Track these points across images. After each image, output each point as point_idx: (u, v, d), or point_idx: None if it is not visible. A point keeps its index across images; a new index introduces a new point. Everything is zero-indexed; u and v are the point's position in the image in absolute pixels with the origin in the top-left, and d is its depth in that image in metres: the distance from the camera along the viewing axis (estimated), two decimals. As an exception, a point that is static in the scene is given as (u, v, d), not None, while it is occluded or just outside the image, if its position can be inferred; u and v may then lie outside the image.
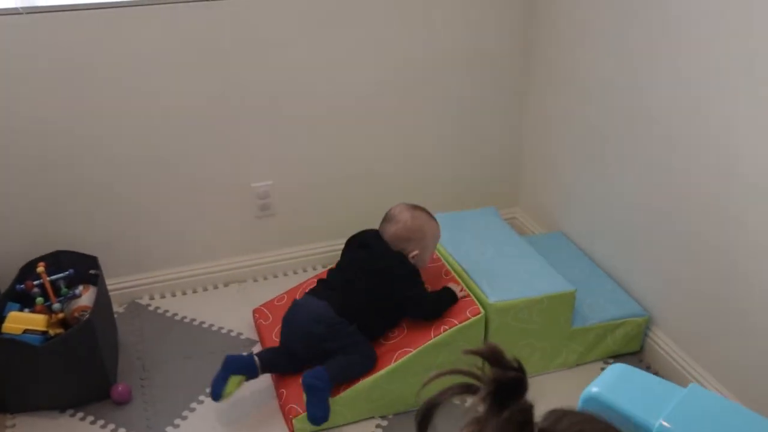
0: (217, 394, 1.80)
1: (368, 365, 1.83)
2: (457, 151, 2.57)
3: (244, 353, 1.90)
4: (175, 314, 2.28)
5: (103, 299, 1.99)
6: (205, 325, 2.23)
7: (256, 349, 2.09)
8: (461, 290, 1.95)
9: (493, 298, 1.91)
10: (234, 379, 1.81)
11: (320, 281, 2.00)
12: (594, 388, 1.33)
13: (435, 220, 2.02)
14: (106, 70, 2.06)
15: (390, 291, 1.88)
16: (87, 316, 1.87)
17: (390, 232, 1.97)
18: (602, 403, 1.30)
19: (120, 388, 1.92)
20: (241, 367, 1.83)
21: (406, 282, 1.90)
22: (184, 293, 2.38)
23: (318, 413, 1.76)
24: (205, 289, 2.40)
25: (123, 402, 1.91)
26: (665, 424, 1.22)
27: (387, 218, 2.01)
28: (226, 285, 2.43)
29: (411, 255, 1.95)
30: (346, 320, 1.84)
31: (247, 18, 2.14)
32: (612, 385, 1.33)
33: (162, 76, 2.12)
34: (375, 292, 1.88)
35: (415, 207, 2.01)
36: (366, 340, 1.86)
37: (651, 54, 1.93)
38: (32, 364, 1.80)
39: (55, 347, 1.80)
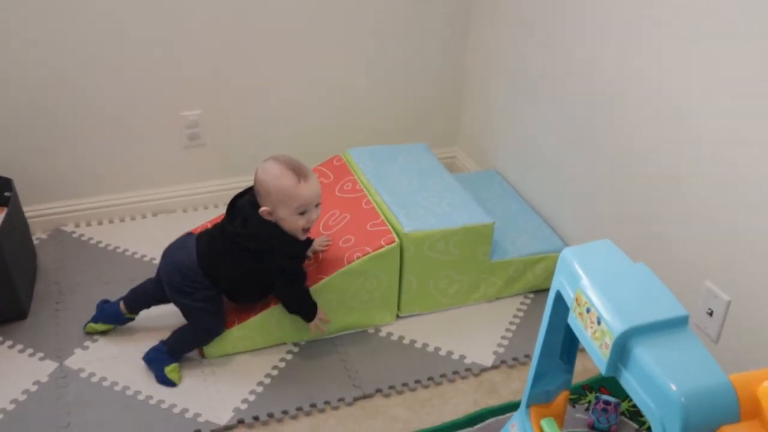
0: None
1: (206, 338, 1.81)
2: (396, 87, 2.53)
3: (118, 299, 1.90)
4: (99, 242, 2.25)
5: (15, 222, 1.96)
6: (128, 253, 2.21)
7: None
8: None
9: (408, 228, 1.90)
10: (100, 326, 1.89)
11: (215, 225, 1.84)
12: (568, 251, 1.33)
13: (294, 177, 1.68)
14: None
15: (259, 262, 1.75)
16: (-3, 238, 1.84)
17: None
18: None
19: None
20: (106, 316, 1.88)
21: (276, 255, 1.74)
22: (111, 222, 2.35)
23: (162, 378, 1.78)
24: (133, 219, 2.38)
25: None
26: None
27: None
28: (155, 215, 2.40)
29: (261, 210, 1.71)
30: (209, 280, 1.76)
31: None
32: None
33: (83, -3, 2.06)
34: (242, 264, 1.75)
35: (275, 159, 1.72)
36: (217, 310, 1.79)
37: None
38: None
39: (-40, 268, 1.77)
